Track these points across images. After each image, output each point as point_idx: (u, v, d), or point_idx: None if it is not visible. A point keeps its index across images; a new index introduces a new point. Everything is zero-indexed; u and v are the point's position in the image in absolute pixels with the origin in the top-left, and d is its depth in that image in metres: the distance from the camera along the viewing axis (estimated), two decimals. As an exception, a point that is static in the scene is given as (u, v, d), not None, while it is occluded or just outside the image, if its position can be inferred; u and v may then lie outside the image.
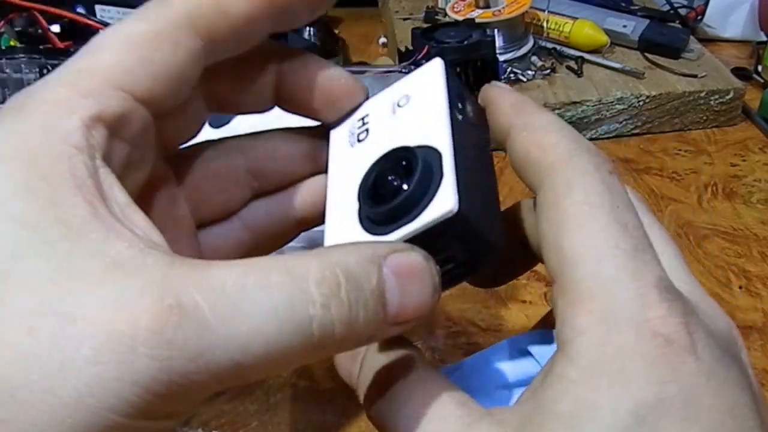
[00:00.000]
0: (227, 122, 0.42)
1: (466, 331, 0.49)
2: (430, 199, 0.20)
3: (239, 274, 0.17)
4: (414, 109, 0.23)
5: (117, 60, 0.20)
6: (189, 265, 0.17)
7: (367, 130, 0.24)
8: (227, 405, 0.43)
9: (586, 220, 0.20)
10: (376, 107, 0.25)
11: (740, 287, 0.52)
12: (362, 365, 0.23)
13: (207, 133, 0.26)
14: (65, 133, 0.18)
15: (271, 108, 0.26)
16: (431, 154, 0.21)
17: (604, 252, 0.19)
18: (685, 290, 0.20)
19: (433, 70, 0.24)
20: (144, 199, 0.24)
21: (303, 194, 0.27)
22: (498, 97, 0.24)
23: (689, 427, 0.17)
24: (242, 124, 0.28)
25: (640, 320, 0.18)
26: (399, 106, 0.24)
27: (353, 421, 0.42)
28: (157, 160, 0.23)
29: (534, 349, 0.24)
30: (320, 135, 0.26)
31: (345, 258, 0.19)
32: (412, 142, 0.22)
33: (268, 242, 0.27)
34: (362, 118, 0.25)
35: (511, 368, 0.24)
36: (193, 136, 0.25)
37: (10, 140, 0.18)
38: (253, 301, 0.17)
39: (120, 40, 0.20)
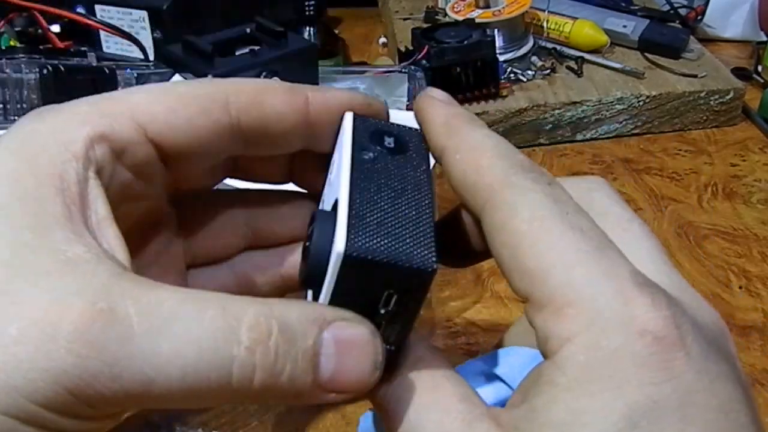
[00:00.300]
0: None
1: (466, 331, 0.49)
2: (330, 251, 0.20)
3: (179, 299, 0.18)
4: (335, 169, 0.24)
5: (145, 100, 0.22)
6: (136, 280, 0.18)
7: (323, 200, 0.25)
8: (228, 405, 0.43)
9: (541, 234, 0.19)
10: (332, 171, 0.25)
11: (740, 287, 0.52)
12: None
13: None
14: (69, 140, 0.20)
15: (286, 183, 0.27)
16: (335, 206, 0.21)
17: (569, 259, 0.19)
18: (666, 283, 0.20)
19: (345, 125, 0.24)
20: (143, 230, 0.25)
21: (295, 254, 0.27)
22: (428, 114, 0.24)
23: (685, 428, 0.17)
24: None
25: (626, 319, 0.18)
26: (330, 173, 0.25)
27: (353, 422, 0.42)
28: (162, 199, 0.25)
29: (499, 370, 0.23)
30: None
31: (285, 312, 0.19)
32: (327, 204, 0.23)
33: (252, 293, 0.28)
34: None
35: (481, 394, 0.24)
36: (205, 190, 0.27)
37: (22, 133, 0.20)
38: (183, 326, 0.18)
39: (158, 88, 0.23)
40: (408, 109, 0.61)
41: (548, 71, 0.74)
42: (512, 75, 0.72)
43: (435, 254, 0.20)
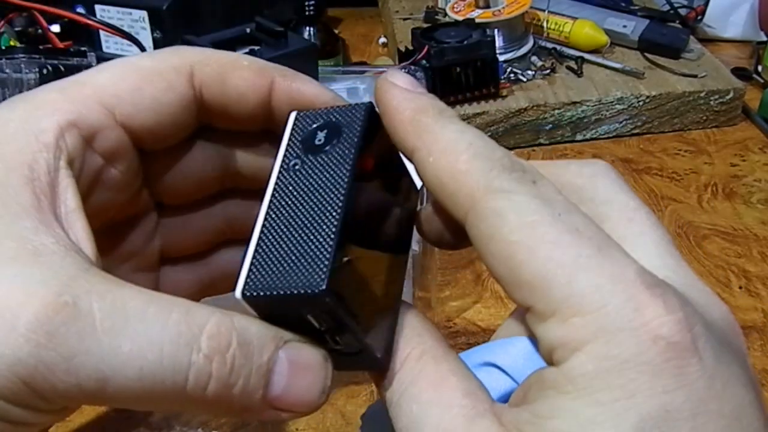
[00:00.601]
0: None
1: (466, 331, 0.49)
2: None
3: (144, 300, 0.18)
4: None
5: (110, 81, 0.22)
6: (102, 276, 0.18)
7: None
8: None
9: (535, 243, 0.18)
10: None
11: (740, 287, 0.52)
12: None
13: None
14: (39, 130, 0.20)
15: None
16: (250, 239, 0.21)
17: (570, 266, 0.18)
18: (674, 279, 0.19)
19: (286, 128, 0.22)
20: (120, 226, 0.25)
21: None
22: (391, 108, 0.21)
23: None
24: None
25: (637, 325, 0.17)
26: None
27: (353, 422, 0.42)
28: (140, 193, 0.25)
29: (502, 361, 0.22)
30: None
31: (246, 325, 0.19)
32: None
33: (225, 288, 0.28)
34: None
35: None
36: (190, 188, 0.26)
37: None
38: (145, 328, 0.18)
39: (123, 67, 0.22)
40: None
41: (548, 71, 0.74)
42: (512, 75, 0.72)
43: (326, 273, 0.18)
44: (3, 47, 0.66)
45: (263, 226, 0.20)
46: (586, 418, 0.17)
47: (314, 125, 0.22)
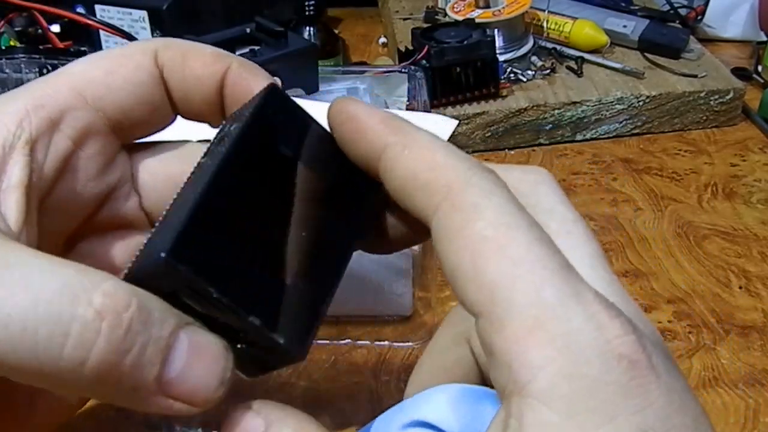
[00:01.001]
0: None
1: (466, 331, 0.49)
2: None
3: (34, 255, 0.17)
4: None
5: (83, 68, 0.22)
6: (5, 242, 0.18)
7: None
8: (228, 405, 0.43)
9: (508, 242, 0.18)
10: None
11: (740, 287, 0.52)
12: None
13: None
14: (5, 112, 0.21)
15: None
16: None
17: (539, 275, 0.17)
18: (609, 294, 0.18)
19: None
20: (118, 228, 0.25)
21: None
22: (361, 114, 0.21)
23: None
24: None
25: (601, 343, 0.17)
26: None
27: (353, 422, 0.42)
28: (132, 199, 0.25)
29: (427, 415, 0.21)
30: None
31: (149, 298, 0.18)
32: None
33: None
34: None
35: None
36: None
37: None
38: (22, 273, 0.17)
39: (95, 55, 0.23)
40: (408, 109, 0.61)
41: (548, 71, 0.74)
42: (512, 75, 0.72)
43: (168, 243, 0.18)
44: (3, 47, 0.66)
45: (160, 217, 0.20)
46: None
47: (229, 120, 0.22)
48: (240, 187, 0.20)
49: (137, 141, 0.25)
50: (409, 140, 0.20)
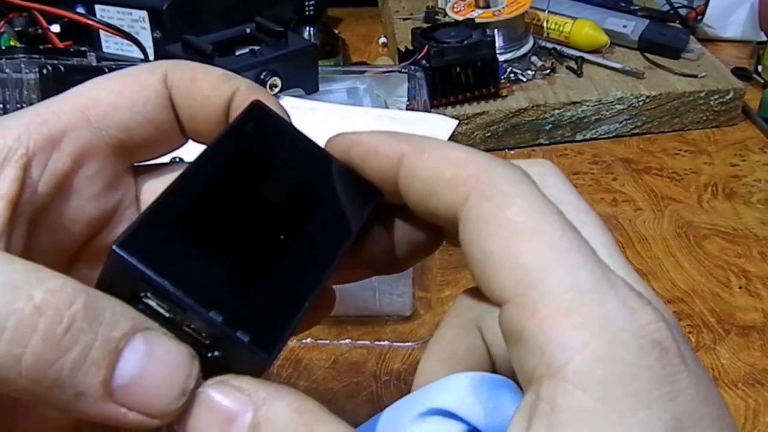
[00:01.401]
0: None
1: (466, 331, 0.49)
2: None
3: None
4: None
5: (89, 88, 0.22)
6: None
7: None
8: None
9: (541, 228, 0.18)
10: None
11: (740, 287, 0.52)
12: None
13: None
14: (6, 127, 0.21)
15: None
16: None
17: (574, 260, 0.17)
18: (633, 285, 0.18)
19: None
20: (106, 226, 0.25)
21: None
22: (364, 137, 0.22)
23: None
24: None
25: (635, 329, 0.17)
26: None
27: (353, 422, 0.42)
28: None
29: (445, 402, 0.20)
30: None
31: (103, 298, 0.17)
32: None
33: None
34: None
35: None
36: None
37: None
38: None
39: (103, 77, 0.23)
40: (408, 109, 0.61)
41: (548, 71, 0.74)
42: (512, 75, 0.72)
43: (124, 235, 0.18)
44: (3, 47, 0.66)
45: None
46: None
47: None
48: (212, 189, 0.20)
49: (144, 163, 0.25)
50: (425, 145, 0.20)
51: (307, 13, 0.76)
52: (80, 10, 0.67)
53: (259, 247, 0.20)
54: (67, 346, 0.16)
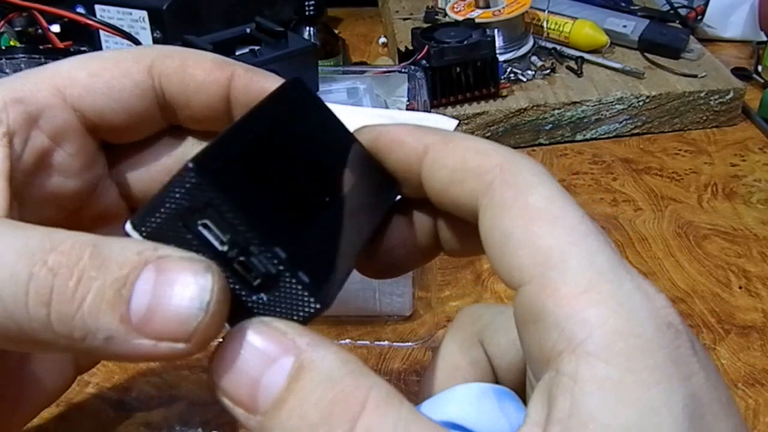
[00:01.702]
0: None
1: (466, 331, 0.49)
2: None
3: (8, 222, 0.18)
4: None
5: (67, 67, 0.22)
6: None
7: None
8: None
9: (562, 214, 0.19)
10: None
11: (740, 287, 0.52)
12: None
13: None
14: None
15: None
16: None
17: (592, 244, 0.18)
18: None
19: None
20: (95, 220, 0.25)
21: None
22: (390, 128, 0.22)
23: (719, 425, 0.17)
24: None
25: (651, 310, 0.17)
26: None
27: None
28: (111, 191, 0.25)
29: (450, 413, 0.20)
30: None
31: (108, 242, 0.17)
32: None
33: None
34: None
35: None
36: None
37: None
38: (1, 240, 0.17)
39: (84, 56, 0.23)
40: (408, 109, 0.61)
41: (548, 71, 0.74)
42: (512, 75, 0.72)
43: (199, 159, 0.17)
44: (3, 47, 0.66)
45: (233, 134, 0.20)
46: (644, 404, 0.16)
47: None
48: (270, 134, 0.20)
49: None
50: (449, 137, 0.22)
51: (307, 13, 0.76)
52: (80, 10, 0.67)
53: (307, 201, 0.20)
54: (81, 296, 0.17)
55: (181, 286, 0.17)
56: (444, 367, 0.24)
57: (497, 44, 0.70)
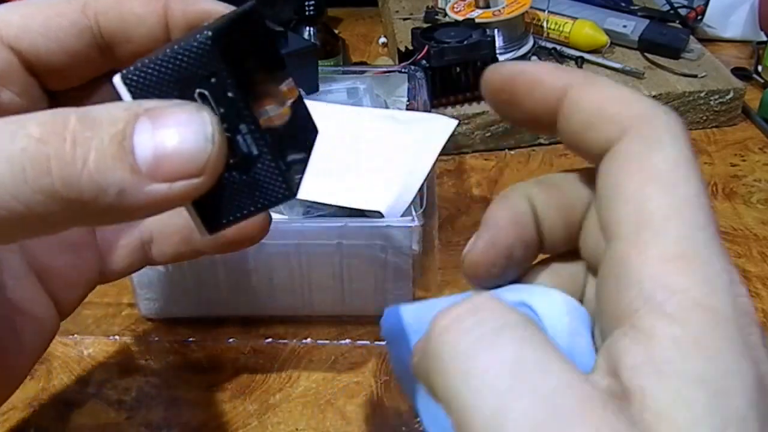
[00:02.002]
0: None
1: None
2: None
3: None
4: None
5: (3, 10, 0.23)
6: None
7: None
8: (227, 405, 0.43)
9: (679, 181, 0.18)
10: None
11: (740, 287, 0.52)
12: None
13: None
14: None
15: None
16: None
17: (699, 221, 0.18)
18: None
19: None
20: None
21: None
22: (528, 67, 0.22)
23: None
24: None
25: (733, 294, 0.17)
26: None
27: (353, 422, 0.42)
28: None
29: (536, 303, 0.21)
30: None
31: (91, 108, 0.18)
32: None
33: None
34: None
35: None
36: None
37: None
38: None
39: (18, 2, 0.23)
40: (408, 109, 0.61)
41: (548, 71, 0.74)
42: (512, 75, 0.72)
43: (213, 27, 0.18)
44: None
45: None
46: (721, 368, 0.16)
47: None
48: (256, 34, 0.21)
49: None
50: (592, 80, 0.21)
51: (307, 13, 0.76)
52: None
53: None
54: (82, 155, 0.17)
55: (181, 127, 0.18)
56: (505, 206, 0.23)
57: (497, 44, 0.70)
